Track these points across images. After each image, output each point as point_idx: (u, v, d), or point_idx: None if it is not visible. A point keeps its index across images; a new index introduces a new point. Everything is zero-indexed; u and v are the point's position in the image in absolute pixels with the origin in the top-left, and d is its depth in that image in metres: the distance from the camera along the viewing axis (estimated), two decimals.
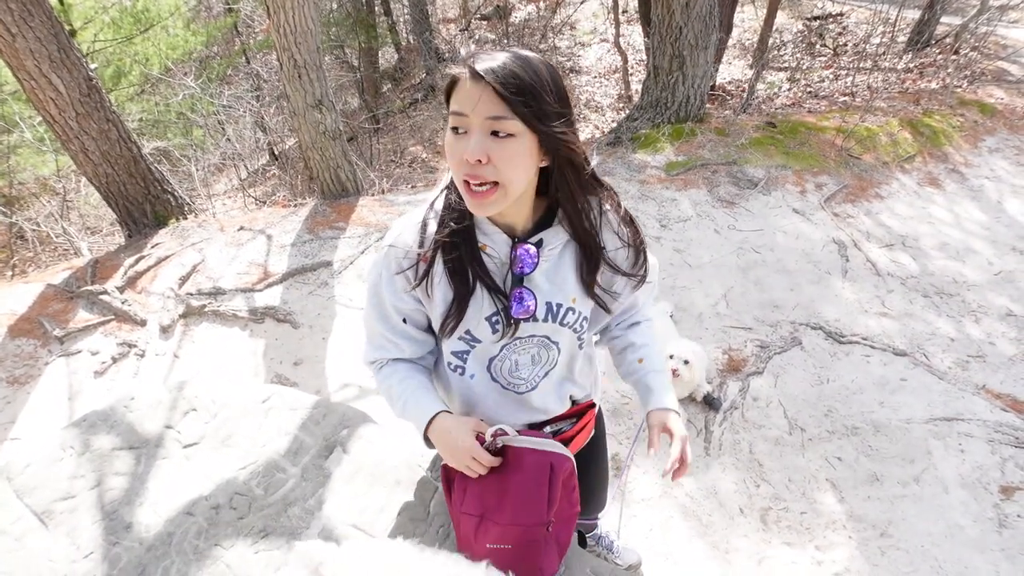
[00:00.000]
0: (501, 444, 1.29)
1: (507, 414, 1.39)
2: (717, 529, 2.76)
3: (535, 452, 1.29)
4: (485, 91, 1.01)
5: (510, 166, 1.06)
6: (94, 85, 4.29)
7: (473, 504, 1.30)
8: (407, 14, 12.35)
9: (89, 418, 1.97)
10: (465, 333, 1.25)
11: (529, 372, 1.34)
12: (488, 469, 1.26)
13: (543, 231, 1.21)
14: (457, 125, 1.06)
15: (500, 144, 1.04)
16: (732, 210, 4.89)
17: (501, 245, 1.20)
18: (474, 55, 1.05)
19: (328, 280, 4.06)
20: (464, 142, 1.05)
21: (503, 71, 1.01)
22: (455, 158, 1.06)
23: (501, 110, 1.02)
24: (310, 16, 4.28)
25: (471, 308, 1.21)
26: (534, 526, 1.27)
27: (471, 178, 1.06)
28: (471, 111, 1.03)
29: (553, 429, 1.45)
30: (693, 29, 5.57)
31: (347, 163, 5.07)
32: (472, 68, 1.02)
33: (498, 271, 1.22)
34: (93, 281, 4.02)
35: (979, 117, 6.59)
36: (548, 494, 1.27)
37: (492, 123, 1.03)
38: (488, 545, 1.27)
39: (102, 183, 4.64)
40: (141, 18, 7.91)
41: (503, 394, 1.36)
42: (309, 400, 1.97)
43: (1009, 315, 3.97)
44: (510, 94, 1.01)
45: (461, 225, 1.18)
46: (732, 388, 3.40)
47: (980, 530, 2.73)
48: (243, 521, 1.67)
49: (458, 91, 1.05)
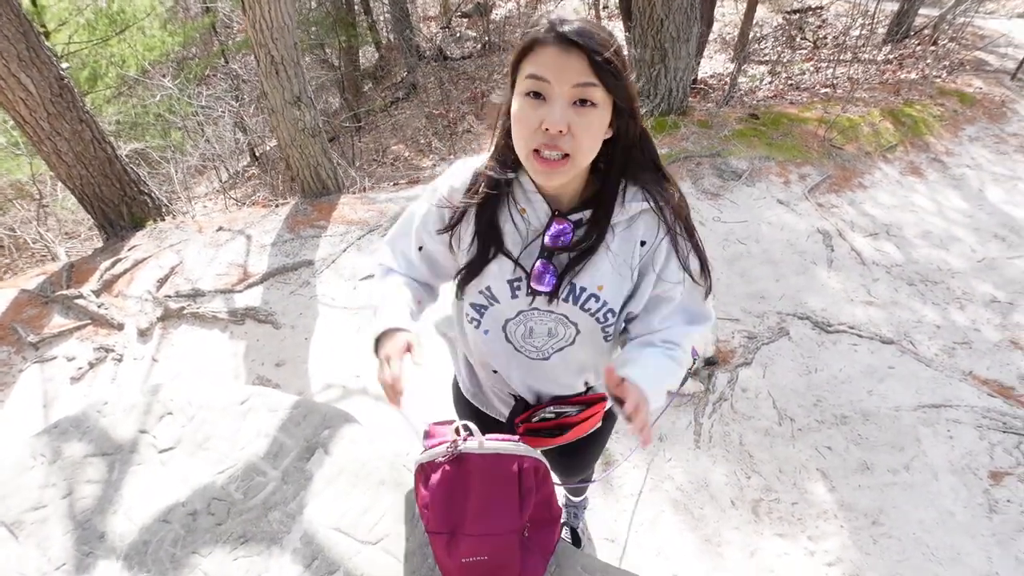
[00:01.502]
0: (460, 452, 1.23)
1: (517, 377, 1.35)
2: (709, 522, 2.74)
3: (499, 457, 1.23)
4: (573, 56, 0.97)
5: (588, 137, 1.02)
6: (66, 85, 4.19)
7: (439, 522, 1.24)
8: (387, 12, 12.25)
9: (60, 424, 1.90)
10: (486, 289, 1.21)
11: (543, 342, 1.28)
12: (391, 380, 1.13)
13: (586, 211, 1.15)
14: (537, 90, 1.00)
15: (582, 114, 0.99)
16: (716, 202, 4.88)
17: (541, 214, 1.16)
18: (558, 20, 0.99)
19: (310, 279, 4.00)
20: (544, 110, 0.99)
21: (593, 37, 0.97)
22: (528, 126, 1.01)
23: (590, 77, 0.97)
24: (286, 11, 4.20)
25: (495, 266, 1.19)
26: (507, 534, 1.22)
27: (547, 147, 1.01)
28: (556, 77, 0.97)
29: (559, 410, 1.36)
30: (674, 21, 5.55)
31: (327, 161, 4.99)
32: (560, 32, 0.97)
33: (527, 236, 1.17)
34: (69, 285, 3.93)
35: (959, 106, 6.63)
36: (519, 499, 1.23)
37: (579, 91, 0.98)
38: (463, 560, 1.22)
39: (76, 185, 4.54)
40: (117, 19, 7.79)
41: (514, 355, 1.32)
42: (289, 400, 1.92)
43: (993, 301, 3.98)
44: (602, 61, 0.96)
45: (496, 191, 1.16)
46: (721, 380, 3.38)
47: (970, 516, 2.73)
48: (222, 527, 1.61)
49: (539, 55, 0.99)
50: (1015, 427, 3.09)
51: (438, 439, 1.28)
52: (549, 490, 1.33)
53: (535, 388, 1.37)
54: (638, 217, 1.16)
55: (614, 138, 1.09)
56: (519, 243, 1.18)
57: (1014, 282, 4.15)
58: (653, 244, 1.17)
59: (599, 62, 0.96)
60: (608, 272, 1.17)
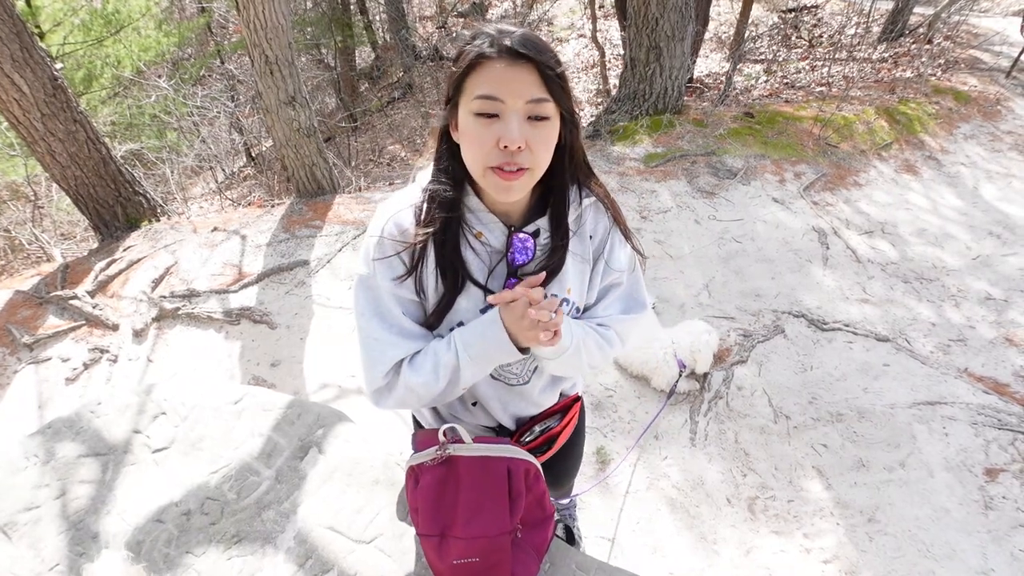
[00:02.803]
0: (449, 454, 1.22)
1: (500, 405, 1.34)
2: (704, 520, 2.74)
3: (489, 459, 1.23)
4: (524, 71, 0.95)
5: (544, 150, 1.01)
6: (59, 85, 4.18)
7: (429, 524, 1.23)
8: (383, 12, 12.24)
9: (54, 425, 1.89)
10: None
11: (520, 368, 1.28)
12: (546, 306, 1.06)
13: (538, 220, 1.15)
14: (488, 111, 0.97)
15: (537, 127, 0.99)
16: (712, 200, 4.88)
17: (497, 233, 1.14)
18: (500, 32, 0.97)
19: (305, 279, 3.99)
20: (498, 127, 0.97)
21: (541, 49, 0.95)
22: (483, 145, 0.99)
23: (543, 92, 0.96)
24: (281, 11, 4.20)
25: (465, 301, 1.15)
26: (498, 536, 1.21)
27: (507, 165, 0.99)
28: (508, 95, 0.95)
29: (542, 427, 1.39)
30: (669, 20, 5.55)
31: (323, 161, 4.98)
32: (508, 46, 0.95)
33: (490, 260, 1.15)
34: (63, 286, 3.91)
35: (954, 104, 6.64)
36: (509, 501, 1.22)
37: (533, 107, 0.97)
38: (454, 561, 1.21)
39: (71, 186, 4.53)
40: (112, 20, 7.76)
41: (494, 385, 1.30)
42: (283, 400, 1.91)
43: (988, 299, 3.99)
44: (553, 74, 0.95)
45: (452, 214, 1.10)
46: (716, 378, 3.38)
47: (966, 512, 2.73)
48: (215, 527, 1.61)
49: (487, 71, 0.97)
50: (1010, 424, 3.09)
51: (427, 443, 1.27)
52: (541, 489, 1.33)
53: (517, 414, 1.37)
54: (585, 212, 1.19)
55: (558, 145, 1.08)
56: (483, 268, 1.15)
57: (1009, 279, 4.16)
58: (602, 236, 1.21)
59: (551, 76, 0.96)
60: (573, 273, 1.19)
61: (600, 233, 1.21)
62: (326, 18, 10.48)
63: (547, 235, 1.15)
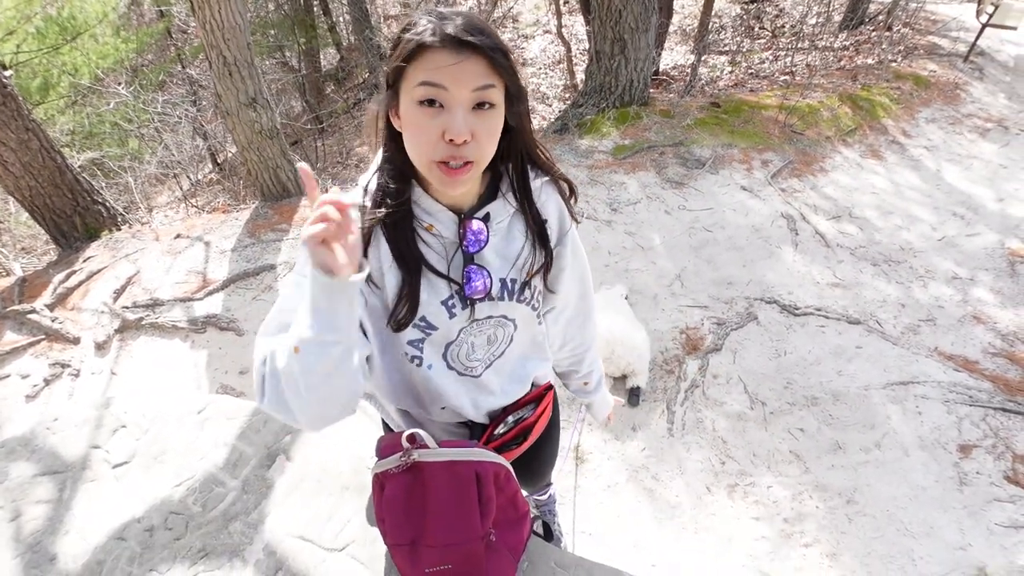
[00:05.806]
0: (414, 460, 1.18)
1: (469, 403, 1.27)
2: (685, 510, 2.73)
3: (456, 464, 1.18)
4: (470, 59, 0.90)
5: (490, 140, 0.96)
6: (9, 92, 4.04)
7: (397, 534, 1.19)
8: (347, 13, 12.09)
9: (7, 444, 1.81)
10: (420, 320, 1.11)
11: (484, 352, 1.22)
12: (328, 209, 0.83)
13: (488, 205, 1.10)
14: (432, 97, 0.91)
15: (483, 117, 0.94)
16: (681, 191, 4.88)
17: (448, 224, 1.08)
18: (441, 17, 0.91)
19: (272, 284, 3.91)
20: (443, 118, 0.92)
21: (486, 33, 0.90)
22: (428, 137, 0.93)
23: (489, 79, 0.91)
24: (237, 11, 4.10)
25: (425, 293, 1.09)
26: (470, 541, 1.17)
27: (452, 159, 0.94)
28: (453, 83, 0.90)
29: (516, 417, 1.34)
30: (632, 12, 5.55)
31: (287, 163, 4.89)
32: (451, 35, 0.89)
33: (446, 251, 1.10)
34: (21, 300, 3.79)
35: (914, 89, 6.74)
36: (479, 506, 1.18)
37: (479, 95, 0.92)
38: (426, 570, 1.17)
39: (25, 196, 4.38)
40: (68, 26, 7.54)
41: (461, 381, 1.24)
42: (248, 407, 1.85)
43: (955, 278, 4.05)
44: (500, 56, 0.90)
45: (400, 206, 1.05)
46: (691, 366, 3.38)
47: (942, 490, 2.76)
48: (180, 542, 1.55)
49: (429, 59, 0.90)
50: (981, 400, 3.13)
51: (391, 449, 1.22)
52: (513, 489, 1.29)
53: (487, 408, 1.32)
54: (539, 191, 1.15)
55: (507, 128, 1.03)
56: (441, 260, 1.10)
57: (973, 258, 4.23)
58: (556, 215, 1.19)
59: (498, 59, 0.91)
60: (527, 257, 1.16)
61: (554, 211, 1.18)
62: (289, 20, 10.31)
63: (499, 219, 1.11)
